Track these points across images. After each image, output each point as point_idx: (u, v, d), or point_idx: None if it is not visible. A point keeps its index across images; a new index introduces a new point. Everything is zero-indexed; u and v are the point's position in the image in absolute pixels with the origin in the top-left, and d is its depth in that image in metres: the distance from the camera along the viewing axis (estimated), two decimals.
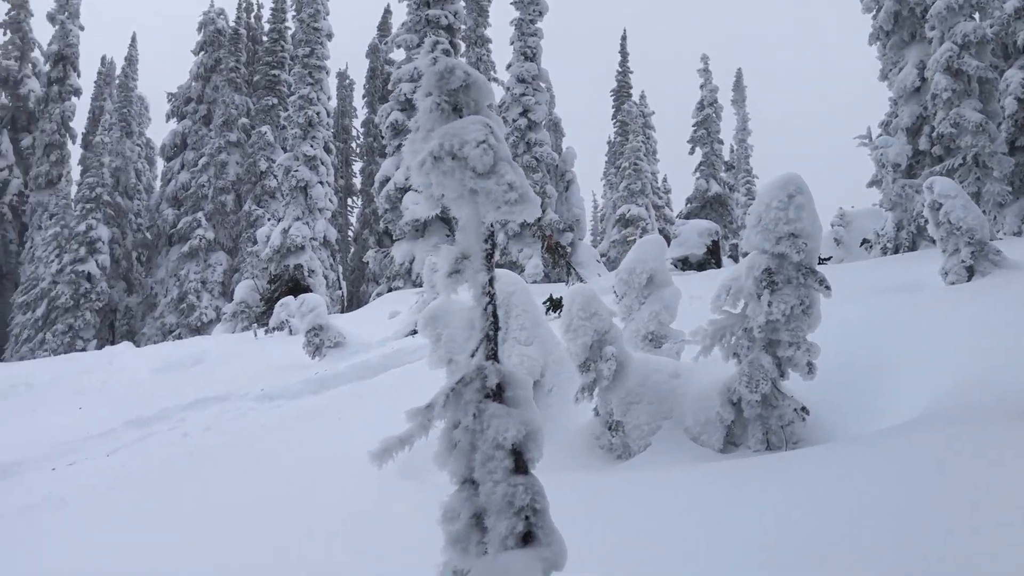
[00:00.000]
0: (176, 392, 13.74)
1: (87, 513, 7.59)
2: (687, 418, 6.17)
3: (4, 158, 47.24)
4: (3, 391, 15.47)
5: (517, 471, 2.34)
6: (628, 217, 35.01)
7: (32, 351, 38.54)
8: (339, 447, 8.48)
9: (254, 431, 10.46)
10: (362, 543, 5.15)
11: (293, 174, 32.44)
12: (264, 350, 17.59)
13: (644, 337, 7.42)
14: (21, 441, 12.24)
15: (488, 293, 2.42)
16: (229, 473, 8.23)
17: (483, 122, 2.47)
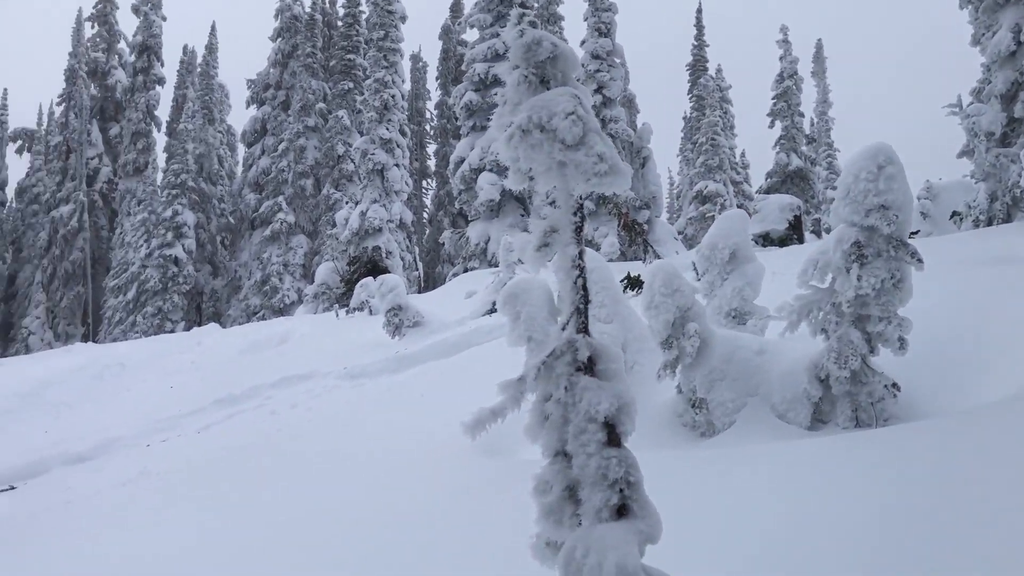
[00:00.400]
0: (262, 371, 14.11)
1: (182, 488, 7.87)
2: (773, 395, 6.06)
3: (94, 147, 49.01)
4: (99, 371, 16.10)
5: (610, 444, 2.32)
6: (705, 193, 34.48)
7: (124, 333, 40.04)
8: (422, 424, 8.60)
9: (339, 408, 10.68)
10: (447, 517, 5.21)
11: (370, 157, 32.84)
12: (345, 330, 17.91)
13: (727, 314, 7.31)
14: (117, 419, 12.75)
15: (578, 266, 2.40)
16: (316, 450, 8.42)
17: (571, 93, 2.44)
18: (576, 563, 2.22)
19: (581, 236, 2.42)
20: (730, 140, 42.14)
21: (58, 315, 45.72)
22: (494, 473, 6.08)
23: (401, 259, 34.31)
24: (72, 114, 48.62)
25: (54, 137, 49.09)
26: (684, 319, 6.09)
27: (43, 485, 10.11)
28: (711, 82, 43.24)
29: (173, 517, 6.68)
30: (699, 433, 6.24)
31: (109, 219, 49.17)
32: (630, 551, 2.20)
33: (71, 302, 45.88)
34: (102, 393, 14.62)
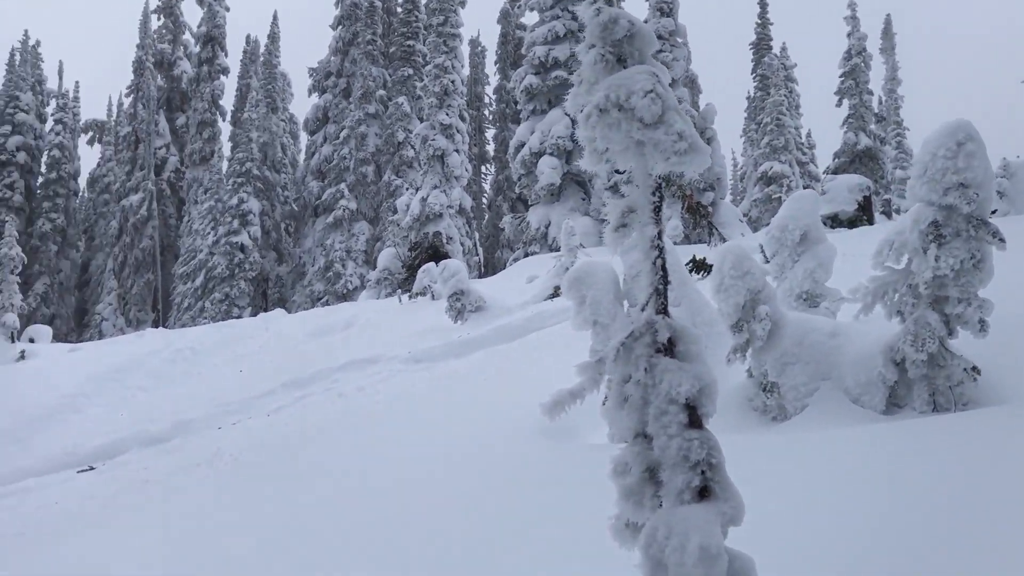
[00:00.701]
0: (328, 355, 14.33)
1: (256, 468, 8.05)
2: (847, 379, 5.94)
3: (162, 137, 50.17)
4: (171, 356, 16.52)
5: (691, 425, 2.30)
6: (770, 175, 33.84)
7: (193, 319, 41.02)
8: (485, 408, 8.65)
9: (404, 392, 10.80)
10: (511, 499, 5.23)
11: (430, 143, 32.98)
12: (409, 315, 18.08)
13: (798, 296, 7.18)
14: (190, 402, 13.09)
15: (657, 246, 2.37)
16: (383, 432, 8.53)
17: (649, 71, 2.41)
18: (658, 544, 2.21)
19: (660, 216, 2.39)
20: (795, 120, 41.26)
21: (129, 301, 47.03)
22: (559, 456, 6.09)
23: (461, 244, 34.45)
24: (140, 105, 49.81)
25: (123, 128, 50.36)
26: (755, 302, 5.99)
27: (122, 465, 10.45)
28: (775, 61, 42.36)
29: (248, 497, 6.84)
30: (770, 417, 6.15)
31: (177, 207, 50.35)
32: (713, 533, 2.18)
33: (141, 289, 47.16)
34: (175, 377, 15.02)
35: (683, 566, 2.16)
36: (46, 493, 9.82)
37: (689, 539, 2.16)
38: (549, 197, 29.65)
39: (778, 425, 5.97)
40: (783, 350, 6.07)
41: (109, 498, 8.73)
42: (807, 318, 6.35)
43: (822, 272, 7.24)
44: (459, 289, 16.50)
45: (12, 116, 47.44)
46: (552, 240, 28.70)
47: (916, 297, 5.78)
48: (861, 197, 19.10)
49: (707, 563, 2.14)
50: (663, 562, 2.21)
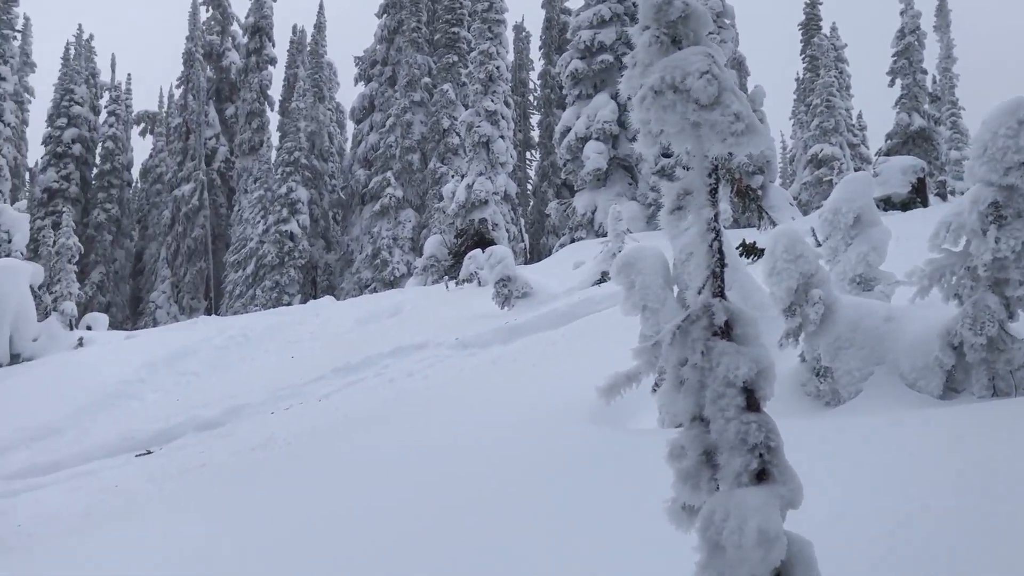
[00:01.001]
0: (377, 341, 14.47)
1: (308, 453, 8.18)
2: (902, 363, 5.84)
3: (212, 127, 50.91)
4: (224, 342, 16.80)
5: (749, 408, 2.29)
6: (821, 157, 33.30)
7: (244, 306, 41.69)
8: (533, 393, 8.68)
9: (452, 377, 10.87)
10: (558, 484, 5.25)
11: (475, 130, 33.03)
12: (455, 301, 18.17)
13: (852, 280, 7.07)
14: (243, 387, 13.32)
15: (714, 229, 2.36)
16: (433, 417, 8.60)
17: (705, 52, 2.39)
18: (716, 527, 2.21)
19: (716, 198, 2.38)
20: (846, 101, 40.51)
21: (182, 289, 47.95)
22: (606, 441, 6.09)
23: (507, 231, 34.49)
24: (190, 96, 50.59)
25: (174, 119, 51.20)
26: (808, 285, 5.92)
27: (178, 450, 10.69)
28: (825, 41, 41.56)
29: (303, 481, 6.96)
30: (824, 402, 6.08)
31: (227, 197, 51.12)
32: (771, 516, 2.17)
33: (194, 277, 48.03)
34: (228, 363, 15.29)
35: (741, 548, 2.16)
36: (106, 476, 10.09)
37: (747, 522, 2.15)
38: (595, 182, 29.53)
39: (832, 410, 5.91)
40: (837, 334, 5.99)
41: (167, 481, 8.93)
42: (861, 302, 6.26)
43: (876, 255, 7.12)
44: (505, 275, 16.54)
45: (67, 109, 48.49)
46: (598, 225, 28.59)
47: (975, 280, 5.66)
48: (915, 179, 18.71)
49: (765, 546, 2.13)
50: (721, 544, 2.21)
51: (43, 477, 10.76)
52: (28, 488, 10.25)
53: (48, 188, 47.38)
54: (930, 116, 36.82)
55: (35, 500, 9.55)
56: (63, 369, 16.76)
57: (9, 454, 11.87)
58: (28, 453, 11.89)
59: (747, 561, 2.14)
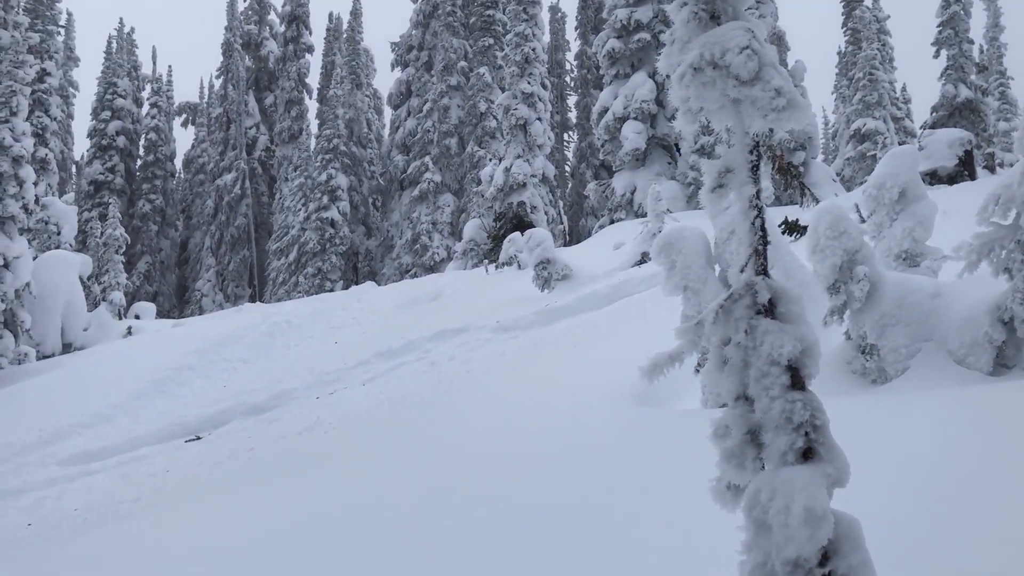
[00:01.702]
0: (419, 325, 14.56)
1: (354, 436, 8.28)
2: (950, 340, 5.74)
3: (251, 117, 51.42)
4: (269, 329, 17.02)
5: (794, 387, 2.27)
6: (864, 132, 32.66)
7: (287, 293, 42.17)
8: (575, 375, 8.68)
9: (494, 360, 10.91)
10: (604, 465, 5.25)
11: (512, 112, 32.91)
12: (495, 285, 18.20)
13: (897, 256, 6.95)
14: (288, 373, 13.50)
15: (756, 206, 2.34)
16: (475, 400, 8.65)
17: (744, 27, 2.36)
18: (762, 506, 2.20)
19: (758, 175, 2.35)
20: (889, 74, 39.66)
21: (227, 277, 48.63)
22: (649, 422, 6.08)
23: (545, 213, 34.37)
24: (230, 86, 51.11)
25: (215, 109, 51.79)
26: (852, 262, 5.83)
27: (226, 435, 10.88)
28: (867, 13, 40.70)
29: (351, 465, 7.04)
30: (870, 380, 6.01)
31: (268, 185, 51.67)
32: (818, 494, 2.16)
33: (238, 265, 48.69)
34: (273, 349, 15.49)
35: (788, 528, 2.15)
36: (157, 461, 10.30)
37: (793, 500, 2.14)
38: (634, 162, 29.31)
39: (878, 388, 5.84)
40: (882, 311, 5.90)
41: (216, 466, 9.10)
42: (907, 278, 6.16)
43: (922, 230, 6.99)
44: (545, 258, 16.51)
45: (111, 102, 49.24)
46: (638, 206, 28.39)
47: None
48: (962, 152, 18.30)
49: (812, 524, 2.12)
50: (767, 523, 2.20)
51: (96, 463, 11.01)
52: (82, 474, 10.51)
53: (94, 180, 48.25)
54: (977, 87, 35.94)
55: (88, 486, 9.79)
56: (113, 357, 17.12)
57: (63, 441, 12.17)
58: (81, 440, 12.17)
59: (794, 540, 2.13)
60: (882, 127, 32.70)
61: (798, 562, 2.15)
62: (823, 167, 27.30)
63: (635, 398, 6.75)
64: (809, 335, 2.30)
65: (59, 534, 7.93)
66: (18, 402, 14.66)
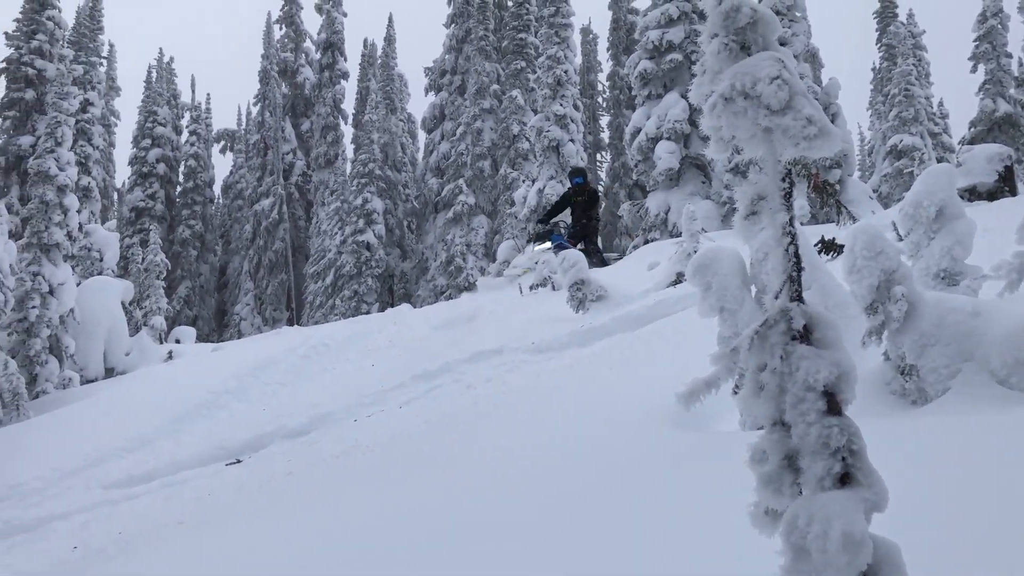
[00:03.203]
0: (455, 347, 14.62)
1: (392, 458, 8.34)
2: (991, 359, 5.67)
3: (288, 142, 52.20)
4: (306, 352, 17.18)
5: (830, 412, 2.29)
6: (900, 148, 32.40)
7: (324, 315, 42.59)
8: (612, 397, 8.67)
9: (530, 382, 10.93)
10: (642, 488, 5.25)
11: (545, 134, 33.10)
12: (530, 306, 18.23)
13: (935, 275, 6.89)
14: (326, 396, 13.61)
15: (789, 233, 2.37)
16: (512, 421, 8.68)
17: (775, 57, 2.40)
18: (800, 531, 2.22)
19: (791, 202, 2.38)
20: (926, 89, 39.35)
21: (265, 301, 49.25)
22: (687, 446, 6.07)
23: None
24: (267, 113, 51.98)
25: (252, 136, 52.69)
26: (889, 282, 5.80)
27: (265, 458, 11.00)
28: (902, 29, 40.46)
29: (389, 487, 7.10)
30: (910, 401, 5.94)
31: (305, 209, 52.35)
32: (856, 519, 2.17)
33: (276, 289, 49.30)
34: (311, 372, 15.64)
35: (826, 553, 2.16)
36: (199, 485, 10.43)
37: (831, 526, 2.15)
38: (668, 182, 29.30)
39: (918, 408, 5.78)
40: (921, 331, 5.85)
41: (256, 489, 9.20)
42: (946, 297, 6.10)
43: (961, 249, 6.93)
44: (579, 279, 16.52)
45: (151, 130, 50.29)
46: (672, 226, 28.34)
47: None
48: (1002, 167, 18.04)
49: (851, 550, 2.13)
50: (805, 549, 2.21)
51: (139, 487, 11.18)
52: (125, 497, 10.68)
53: (135, 207, 49.21)
54: (1016, 101, 35.50)
55: (132, 509, 9.94)
56: (154, 382, 17.39)
57: (106, 464, 12.37)
58: (125, 463, 12.37)
59: (832, 565, 2.14)
60: (919, 143, 32.42)
61: None
62: (859, 184, 27.08)
63: (674, 419, 6.74)
64: (845, 361, 2.32)
65: (104, 557, 8.07)
66: (63, 426, 14.94)
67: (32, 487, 11.72)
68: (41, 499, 11.18)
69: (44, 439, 14.30)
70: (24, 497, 11.43)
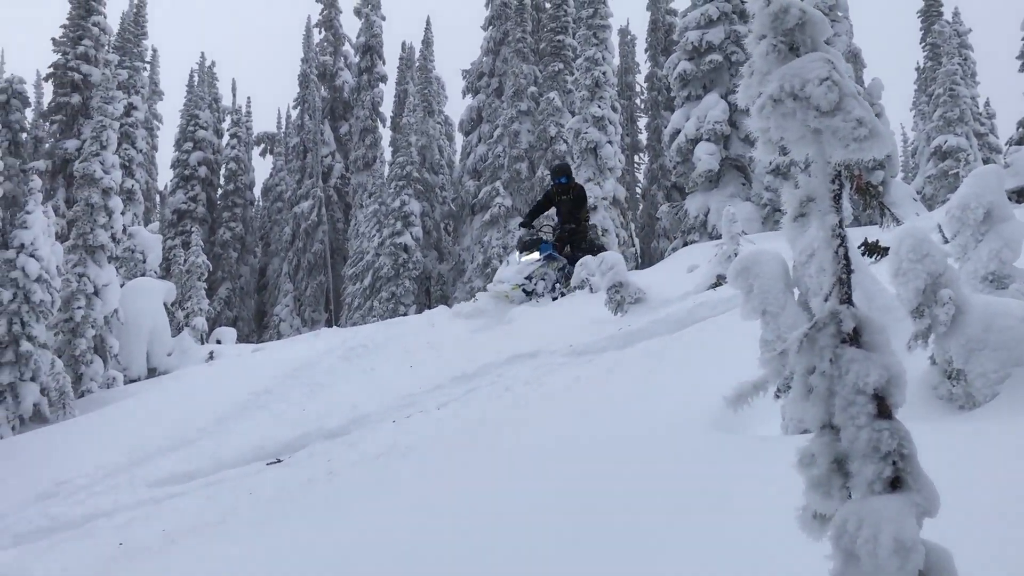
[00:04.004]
0: (492, 349, 14.64)
1: (433, 460, 8.39)
2: None
3: (327, 145, 52.68)
4: (345, 353, 17.31)
5: (880, 416, 2.27)
6: (945, 149, 31.90)
7: (363, 317, 42.89)
8: (651, 400, 8.65)
9: (567, 384, 10.92)
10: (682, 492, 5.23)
11: (582, 136, 33.07)
12: (567, 308, 18.20)
13: (983, 278, 6.77)
14: (365, 397, 13.70)
15: (838, 235, 2.35)
16: (549, 423, 8.69)
17: (824, 58, 2.39)
18: (849, 536, 2.20)
19: (840, 204, 2.37)
20: (971, 89, 38.66)
21: (304, 303, 49.74)
22: (729, 449, 6.02)
23: (616, 236, 34.36)
24: (306, 116, 52.52)
25: (292, 139, 53.27)
26: (936, 285, 5.71)
27: (306, 458, 11.10)
28: (947, 28, 39.80)
29: (426, 488, 7.14)
30: (957, 406, 5.85)
31: (344, 212, 52.80)
32: (907, 524, 2.15)
33: (314, 290, 49.77)
34: (350, 373, 15.74)
35: (876, 557, 2.14)
36: (240, 484, 10.55)
37: (882, 530, 2.13)
38: (707, 184, 29.11)
39: (965, 414, 5.69)
40: (969, 335, 5.76)
41: (297, 489, 9.29)
42: (995, 301, 6.00)
43: (1009, 252, 6.81)
44: (618, 281, 16.46)
45: (193, 133, 51.07)
46: (712, 228, 28.15)
47: None
48: None
49: (902, 555, 2.11)
50: (855, 553, 2.19)
51: (182, 485, 11.34)
52: (168, 496, 10.84)
53: (177, 209, 50.00)
54: None
55: (175, 507, 10.09)
56: (196, 382, 17.64)
57: (150, 463, 12.56)
58: (168, 462, 12.54)
59: (883, 570, 2.12)
60: (964, 144, 31.90)
61: None
62: (903, 186, 26.70)
63: (715, 423, 6.70)
64: (895, 364, 2.30)
65: (149, 554, 8.20)
66: (108, 425, 15.22)
67: (78, 484, 11.93)
68: (87, 496, 11.39)
69: (89, 437, 14.58)
70: (71, 494, 11.65)
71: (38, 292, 20.51)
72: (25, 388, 20.39)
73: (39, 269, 20.58)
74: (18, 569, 8.65)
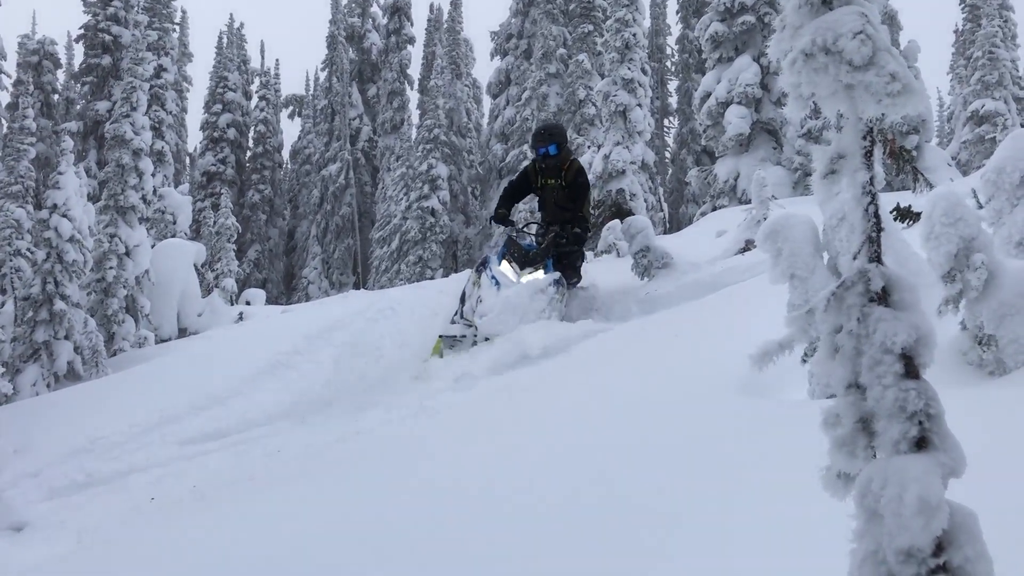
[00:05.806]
0: None
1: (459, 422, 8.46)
2: None
3: (355, 108, 52.60)
4: (374, 315, 17.34)
5: (908, 376, 2.25)
6: (982, 113, 31.23)
7: (390, 280, 43.10)
8: (678, 364, 8.63)
9: (595, 348, 10.93)
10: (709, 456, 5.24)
11: (611, 99, 32.67)
12: (595, 272, 18.14)
13: (1018, 243, 6.65)
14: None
15: (869, 192, 2.31)
16: (581, 386, 8.72)
17: (858, 11, 2.33)
18: (873, 495, 2.19)
19: (871, 161, 2.33)
20: (1011, 52, 37.68)
21: (332, 265, 50.04)
22: (755, 413, 6.02)
23: (645, 201, 34.05)
24: (335, 78, 52.41)
25: (320, 101, 53.24)
26: (968, 250, 5.63)
27: (333, 418, 11.22)
28: None
29: (454, 447, 7.22)
30: (987, 372, 5.79)
31: (371, 175, 52.86)
32: (932, 483, 2.13)
33: (342, 253, 50.03)
34: (377, 335, 15.82)
35: (900, 517, 2.13)
36: (269, 442, 10.70)
37: (907, 489, 2.12)
38: (737, 148, 28.77)
39: (996, 380, 5.63)
40: (1001, 300, 5.68)
41: (324, 447, 9.42)
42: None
43: None
44: (645, 246, 16.37)
45: (222, 95, 51.19)
46: (741, 192, 27.88)
47: None
48: None
49: (926, 514, 2.10)
50: (879, 512, 2.18)
51: (212, 443, 11.51)
52: (199, 453, 11.02)
53: (207, 171, 50.30)
54: None
55: (205, 464, 10.27)
56: (226, 342, 17.83)
57: (181, 421, 12.74)
58: (198, 421, 12.70)
59: (907, 529, 2.11)
60: (1002, 108, 31.22)
61: (911, 551, 2.13)
62: (937, 151, 26.23)
63: (741, 388, 6.69)
64: (924, 324, 2.27)
65: (180, 508, 8.37)
66: (140, 383, 15.44)
67: (112, 441, 12.15)
68: (120, 452, 11.60)
69: (122, 395, 14.80)
70: (105, 451, 11.86)
71: (71, 252, 20.79)
72: (59, 346, 20.75)
73: (71, 229, 20.83)
74: (56, 522, 8.87)
